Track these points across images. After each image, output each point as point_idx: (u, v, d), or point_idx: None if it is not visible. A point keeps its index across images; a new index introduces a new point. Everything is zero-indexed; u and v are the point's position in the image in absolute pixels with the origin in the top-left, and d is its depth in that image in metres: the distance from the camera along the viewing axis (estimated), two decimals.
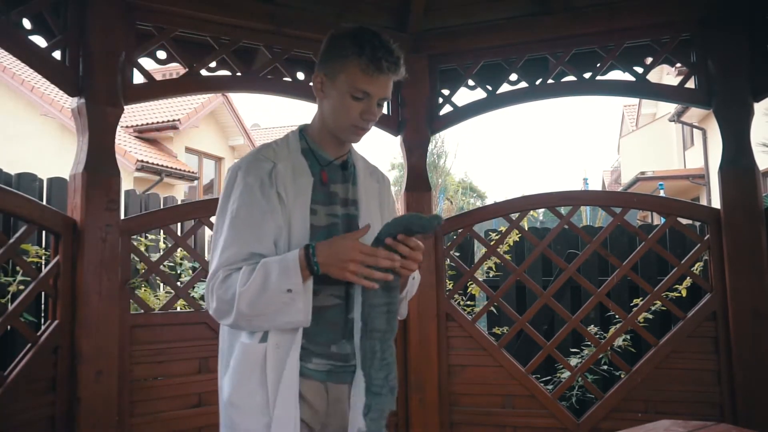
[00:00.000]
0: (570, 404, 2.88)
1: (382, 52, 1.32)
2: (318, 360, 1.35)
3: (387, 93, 1.37)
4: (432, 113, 2.76)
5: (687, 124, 13.89)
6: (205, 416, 2.34)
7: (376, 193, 1.53)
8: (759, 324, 2.30)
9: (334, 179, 1.44)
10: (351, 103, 1.35)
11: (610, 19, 2.50)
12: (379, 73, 1.33)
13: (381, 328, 1.28)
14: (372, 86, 1.34)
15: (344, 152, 1.48)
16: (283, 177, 1.36)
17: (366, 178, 1.51)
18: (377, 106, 1.37)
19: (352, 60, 1.32)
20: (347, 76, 1.34)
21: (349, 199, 1.45)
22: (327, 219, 1.39)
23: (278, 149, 1.43)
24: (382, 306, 1.28)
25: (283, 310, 1.27)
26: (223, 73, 2.53)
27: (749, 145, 2.37)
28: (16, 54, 2.01)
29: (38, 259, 2.85)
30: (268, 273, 1.25)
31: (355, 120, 1.37)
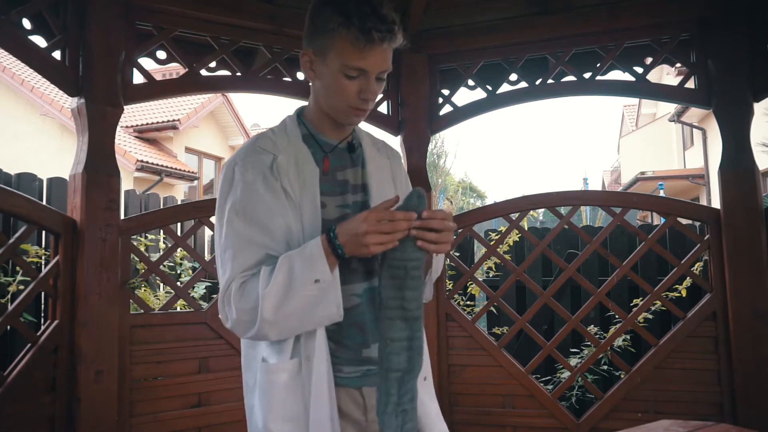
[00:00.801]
0: (570, 404, 2.88)
1: (372, 20, 1.14)
2: (350, 368, 1.23)
3: (385, 65, 1.20)
4: (432, 113, 2.76)
5: (687, 124, 13.89)
6: (204, 416, 2.34)
7: (388, 170, 1.38)
8: (759, 324, 2.30)
9: (341, 165, 1.30)
10: (345, 83, 1.20)
11: (609, 19, 2.50)
12: (371, 45, 1.15)
13: (400, 368, 1.11)
14: (366, 61, 1.17)
15: (348, 133, 1.33)
16: (286, 169, 1.23)
17: (375, 157, 1.36)
18: (377, 81, 1.21)
19: (340, 33, 1.15)
20: (337, 52, 1.17)
21: (359, 184, 1.31)
22: (337, 211, 1.25)
23: (276, 138, 1.28)
24: (403, 341, 1.12)
25: (313, 305, 1.14)
26: (223, 73, 2.53)
27: (749, 145, 2.37)
28: (16, 54, 2.01)
29: (38, 259, 2.85)
30: (291, 267, 1.13)
31: (353, 101, 1.21)
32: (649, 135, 18.89)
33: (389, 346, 1.12)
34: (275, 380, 1.21)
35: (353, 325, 1.23)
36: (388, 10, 1.16)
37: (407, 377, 1.12)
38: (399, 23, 1.17)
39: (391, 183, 1.37)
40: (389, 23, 1.15)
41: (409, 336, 1.12)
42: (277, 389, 1.20)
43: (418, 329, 1.14)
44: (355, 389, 1.24)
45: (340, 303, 1.15)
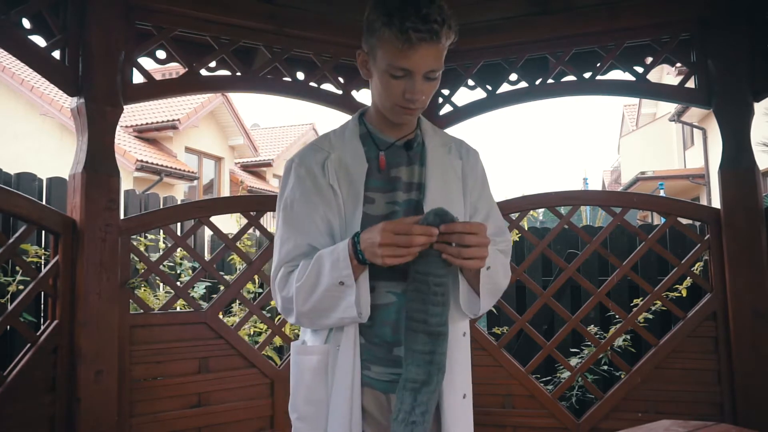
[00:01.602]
0: (570, 404, 2.88)
1: (412, 20, 1.12)
2: (378, 368, 1.24)
3: (433, 64, 1.18)
4: (432, 113, 2.76)
5: (687, 124, 13.90)
6: (204, 416, 2.34)
7: (457, 171, 1.34)
8: (759, 324, 2.30)
9: (396, 162, 1.30)
10: (391, 82, 1.20)
11: (610, 19, 2.50)
12: (410, 45, 1.14)
13: (417, 379, 1.12)
14: (409, 61, 1.16)
15: (408, 131, 1.33)
16: (336, 167, 1.27)
17: (441, 157, 1.33)
18: (427, 80, 1.20)
19: (383, 33, 1.16)
20: (383, 52, 1.18)
21: (414, 182, 1.30)
22: (386, 207, 1.27)
23: (335, 137, 1.34)
24: (425, 354, 1.12)
25: (337, 305, 1.18)
26: (223, 73, 2.53)
27: (749, 144, 2.37)
28: (16, 54, 2.01)
29: (38, 259, 2.85)
30: (321, 266, 1.18)
31: (399, 100, 1.22)
32: (649, 135, 18.90)
33: (410, 356, 1.14)
34: (305, 362, 1.28)
35: (385, 323, 1.24)
36: (432, 8, 1.14)
37: (423, 390, 1.12)
38: (445, 21, 1.16)
39: (457, 184, 1.33)
40: (430, 23, 1.13)
41: (431, 350, 1.13)
42: (305, 371, 1.27)
43: (441, 345, 1.14)
44: (383, 393, 1.25)
45: (364, 305, 1.18)
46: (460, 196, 1.32)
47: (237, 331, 2.47)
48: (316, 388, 1.25)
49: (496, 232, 1.36)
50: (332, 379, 1.23)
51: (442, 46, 1.18)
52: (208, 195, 14.96)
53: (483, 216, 1.35)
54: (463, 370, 1.28)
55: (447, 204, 1.22)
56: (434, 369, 1.13)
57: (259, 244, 4.06)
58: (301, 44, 2.57)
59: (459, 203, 1.31)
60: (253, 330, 3.32)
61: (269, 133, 21.77)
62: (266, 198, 2.63)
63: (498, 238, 1.36)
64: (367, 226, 1.21)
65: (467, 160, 1.37)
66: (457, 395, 1.24)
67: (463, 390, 1.26)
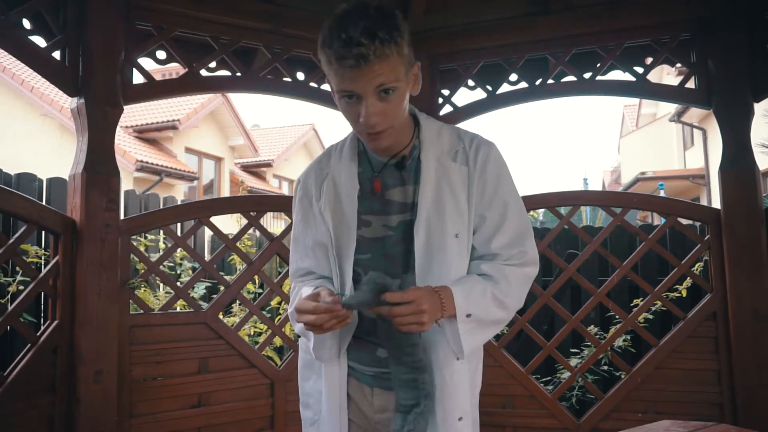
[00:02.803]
0: (570, 404, 2.88)
1: (335, 47, 1.09)
2: (362, 366, 1.31)
3: (380, 80, 1.10)
4: (432, 113, 2.73)
5: (687, 124, 13.89)
6: (204, 416, 2.34)
7: (462, 180, 1.26)
8: (759, 324, 2.30)
9: (391, 184, 1.27)
10: (346, 108, 1.17)
11: (610, 19, 2.50)
12: (345, 69, 1.09)
13: (407, 403, 1.19)
14: (352, 84, 1.11)
15: (401, 147, 1.26)
16: (331, 190, 1.29)
17: (439, 170, 1.25)
18: (382, 99, 1.13)
19: (323, 59, 1.14)
20: (331, 77, 1.16)
21: (408, 203, 1.26)
22: (382, 230, 1.26)
23: (335, 155, 1.33)
24: (411, 382, 1.19)
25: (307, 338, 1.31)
26: (223, 73, 2.53)
27: (749, 145, 2.37)
28: (16, 54, 2.01)
29: (38, 260, 2.85)
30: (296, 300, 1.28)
31: (358, 126, 1.18)
32: (649, 135, 18.89)
33: (398, 383, 1.21)
34: (303, 357, 1.42)
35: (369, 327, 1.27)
36: (357, 29, 1.07)
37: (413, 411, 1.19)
38: (376, 37, 1.07)
39: (460, 195, 1.25)
40: (354, 46, 1.07)
41: (414, 378, 1.19)
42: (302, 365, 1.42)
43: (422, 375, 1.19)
44: (367, 386, 1.32)
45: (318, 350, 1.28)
46: (462, 209, 1.24)
47: (237, 332, 2.47)
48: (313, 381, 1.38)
49: (509, 244, 1.27)
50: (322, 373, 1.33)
51: (387, 61, 1.09)
52: (208, 195, 14.96)
53: (494, 225, 1.26)
54: (460, 393, 1.25)
55: (440, 222, 1.21)
56: (421, 394, 1.18)
57: (259, 245, 4.06)
58: (301, 44, 2.57)
59: (458, 218, 1.24)
60: (254, 330, 3.32)
61: (269, 133, 21.77)
62: (266, 198, 2.63)
63: (511, 250, 1.27)
64: (365, 248, 1.25)
65: (474, 164, 1.26)
66: (453, 418, 1.23)
67: (460, 413, 1.25)
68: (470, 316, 1.20)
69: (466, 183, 1.26)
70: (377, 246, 1.26)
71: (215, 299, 2.49)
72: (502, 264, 1.26)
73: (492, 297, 1.23)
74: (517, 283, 1.27)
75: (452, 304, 1.18)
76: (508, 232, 1.27)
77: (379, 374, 1.28)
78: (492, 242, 1.26)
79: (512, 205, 1.29)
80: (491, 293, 1.23)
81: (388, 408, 1.28)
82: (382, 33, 1.08)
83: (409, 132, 1.29)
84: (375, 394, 1.30)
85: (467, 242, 1.26)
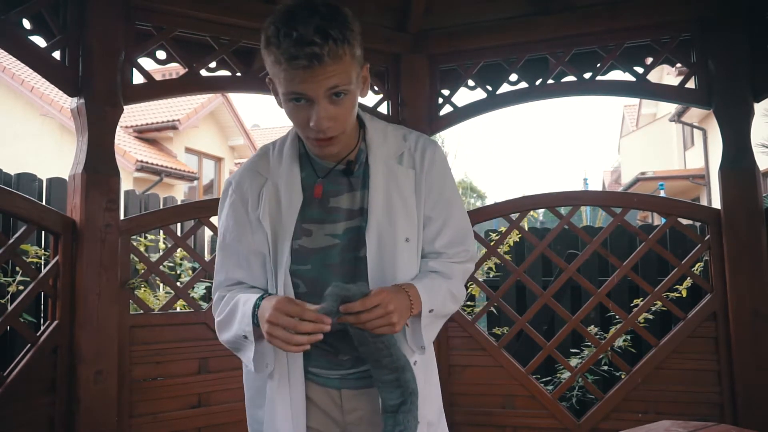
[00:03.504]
0: (570, 404, 2.88)
1: (288, 43, 1.00)
2: (326, 371, 1.25)
3: (332, 82, 1.04)
4: (432, 113, 2.76)
5: (687, 124, 13.89)
6: (204, 416, 2.34)
7: (409, 184, 1.23)
8: (759, 324, 2.30)
9: (336, 190, 1.21)
10: (293, 112, 1.10)
11: (610, 19, 2.50)
12: (297, 71, 1.02)
13: (393, 403, 1.17)
14: (300, 85, 1.04)
15: (347, 151, 1.21)
16: (271, 197, 1.21)
17: (388, 174, 1.22)
18: (333, 102, 1.07)
19: (269, 59, 1.06)
20: (276, 80, 1.08)
21: (356, 209, 1.22)
22: (325, 240, 1.21)
23: (274, 158, 1.25)
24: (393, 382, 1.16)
25: (243, 353, 1.23)
26: (223, 73, 2.53)
27: (749, 145, 2.37)
28: (16, 54, 2.01)
29: (38, 260, 2.85)
30: (234, 313, 1.20)
31: (307, 130, 1.10)
32: (649, 135, 18.89)
33: (381, 385, 1.17)
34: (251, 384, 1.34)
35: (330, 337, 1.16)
36: (308, 27, 0.99)
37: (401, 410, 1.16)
38: (329, 37, 1.00)
39: (409, 200, 1.23)
40: (306, 45, 0.99)
41: (396, 378, 1.16)
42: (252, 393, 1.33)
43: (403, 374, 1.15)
44: (335, 390, 1.26)
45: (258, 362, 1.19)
46: (411, 212, 1.22)
47: None
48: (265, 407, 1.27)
49: (451, 242, 1.28)
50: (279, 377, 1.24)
51: (340, 62, 1.03)
52: (208, 195, 14.96)
53: (438, 225, 1.27)
54: (424, 399, 1.22)
55: (391, 227, 1.19)
56: (406, 392, 1.16)
57: None
58: None
59: (407, 222, 1.22)
60: None
61: (269, 133, 21.76)
62: None
63: (454, 249, 1.29)
64: (304, 259, 1.20)
65: (421, 166, 1.24)
66: (422, 426, 1.21)
67: (428, 418, 1.24)
68: (432, 311, 1.21)
69: (413, 186, 1.24)
70: (318, 256, 1.21)
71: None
72: (448, 261, 1.29)
73: (448, 291, 1.25)
74: (461, 279, 1.31)
75: (419, 301, 1.18)
76: (451, 231, 1.28)
77: (345, 376, 1.24)
78: (436, 241, 1.28)
79: (455, 205, 1.30)
80: (447, 288, 1.25)
81: (358, 407, 1.26)
82: (335, 32, 1.01)
83: (355, 134, 1.23)
84: (343, 397, 1.26)
85: (417, 246, 1.25)
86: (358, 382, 1.25)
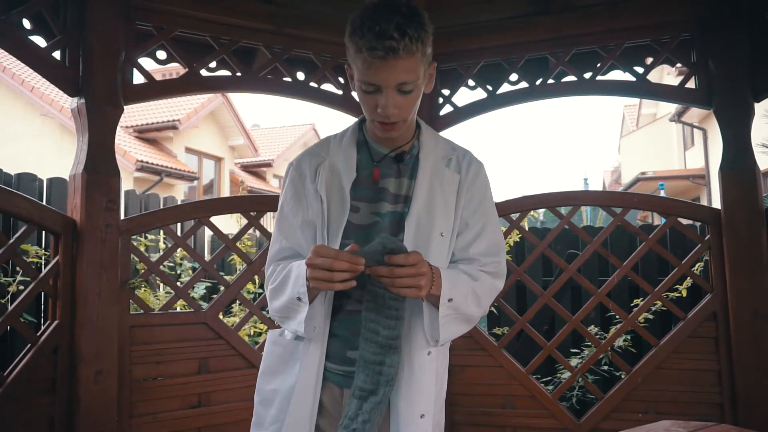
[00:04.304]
0: (570, 404, 2.88)
1: (368, 38, 1.13)
2: (333, 364, 1.29)
3: (402, 77, 1.17)
4: (432, 113, 2.76)
5: (687, 124, 13.89)
6: (204, 416, 2.34)
7: (452, 185, 1.33)
8: (759, 324, 2.30)
9: (386, 174, 1.32)
10: (365, 97, 1.22)
11: (610, 19, 2.50)
12: (375, 60, 1.14)
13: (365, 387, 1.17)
14: (375, 77, 1.17)
15: (403, 142, 1.33)
16: (328, 173, 1.31)
17: (435, 171, 1.32)
18: (400, 93, 1.19)
19: (351, 49, 1.19)
20: (355, 68, 1.21)
21: (402, 195, 1.31)
22: (370, 218, 1.29)
23: (334, 143, 1.37)
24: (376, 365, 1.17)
25: (294, 317, 1.25)
26: (223, 73, 2.53)
27: (750, 145, 2.37)
28: (16, 54, 2.01)
29: (38, 260, 2.85)
30: (288, 277, 1.26)
31: (374, 114, 1.23)
32: (649, 135, 18.89)
33: (362, 365, 1.18)
34: (276, 351, 1.36)
35: (348, 328, 1.28)
36: (390, 23, 1.12)
37: (370, 399, 1.16)
38: (407, 34, 1.12)
39: (449, 198, 1.32)
40: (385, 39, 1.11)
41: (381, 361, 1.17)
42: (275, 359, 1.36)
43: (391, 357, 1.17)
44: (338, 387, 1.30)
45: (310, 323, 1.23)
46: (449, 211, 1.30)
47: (237, 332, 2.47)
48: (283, 377, 1.31)
49: (486, 252, 1.33)
50: (298, 370, 1.28)
51: (412, 58, 1.16)
52: (208, 195, 14.96)
53: (475, 232, 1.33)
54: (425, 390, 1.26)
55: (430, 218, 1.26)
56: (382, 380, 1.16)
57: (259, 245, 4.06)
58: (301, 44, 2.57)
59: (445, 218, 1.29)
60: (253, 330, 3.32)
61: (269, 133, 21.77)
62: (266, 198, 2.63)
63: (487, 258, 1.33)
64: (350, 234, 1.26)
65: (466, 174, 1.35)
66: (414, 415, 1.23)
67: (422, 410, 1.24)
68: (452, 301, 1.23)
69: (456, 188, 1.33)
70: (361, 233, 1.27)
71: (215, 299, 2.49)
72: (479, 268, 1.32)
73: (472, 291, 1.27)
74: (489, 291, 1.33)
75: (440, 283, 1.20)
76: (487, 241, 1.34)
77: (349, 374, 1.26)
78: (471, 248, 1.33)
79: (493, 220, 1.38)
80: (471, 287, 1.28)
81: None
82: (411, 30, 1.13)
83: (412, 131, 1.36)
84: (345, 395, 1.28)
85: (449, 243, 1.31)
86: None
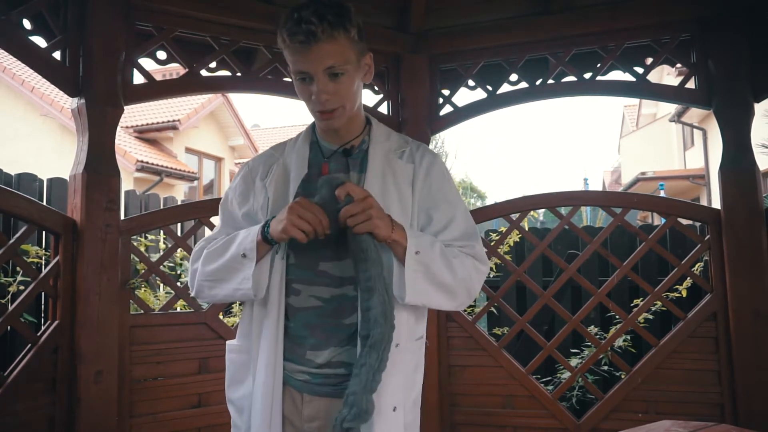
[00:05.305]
0: (570, 405, 2.88)
1: (288, 26, 1.18)
2: (293, 365, 1.27)
3: (329, 61, 1.18)
4: (432, 113, 2.76)
5: (687, 125, 13.89)
6: (204, 416, 2.34)
7: (407, 176, 1.32)
8: (759, 324, 2.30)
9: (336, 169, 1.33)
10: (300, 88, 1.25)
11: (610, 19, 2.50)
12: (297, 46, 1.18)
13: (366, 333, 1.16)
14: (302, 64, 1.20)
15: (351, 137, 1.34)
16: (281, 171, 1.35)
17: (386, 163, 1.32)
18: (332, 77, 1.21)
19: (279, 40, 1.22)
20: (287, 60, 1.24)
21: None
22: None
23: (289, 145, 1.40)
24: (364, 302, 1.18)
25: (234, 276, 1.26)
26: (223, 73, 2.53)
27: (749, 145, 2.37)
28: (16, 54, 2.01)
29: (38, 260, 2.85)
30: (233, 239, 1.29)
31: (311, 104, 1.26)
32: (649, 135, 18.88)
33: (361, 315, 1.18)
34: (233, 359, 1.37)
35: (306, 325, 1.27)
36: (308, 11, 1.16)
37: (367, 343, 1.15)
38: (324, 18, 1.16)
39: (405, 189, 1.31)
40: (303, 24, 1.16)
41: (367, 307, 1.16)
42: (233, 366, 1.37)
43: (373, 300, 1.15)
44: (297, 392, 1.28)
45: (257, 281, 1.24)
46: (405, 201, 1.30)
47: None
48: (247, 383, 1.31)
49: (458, 237, 1.32)
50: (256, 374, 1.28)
51: (335, 42, 1.18)
52: (209, 195, 14.96)
53: (443, 223, 1.32)
54: (398, 381, 1.24)
55: (385, 209, 1.23)
56: (371, 323, 1.14)
57: None
58: None
59: (401, 209, 1.29)
60: None
61: (269, 133, 21.76)
62: None
63: (461, 242, 1.32)
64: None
65: (420, 163, 1.34)
66: (386, 406, 1.21)
67: (394, 402, 1.23)
68: (419, 254, 1.21)
69: (411, 180, 1.33)
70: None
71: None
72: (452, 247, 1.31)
73: (440, 251, 1.25)
74: (464, 266, 1.28)
75: (403, 234, 1.20)
76: (457, 230, 1.33)
77: (309, 380, 1.26)
78: (440, 236, 1.31)
79: (461, 207, 1.36)
80: (439, 248, 1.26)
81: (317, 417, 1.26)
82: (331, 16, 1.17)
83: (360, 126, 1.37)
84: (305, 401, 1.27)
85: None
86: (322, 388, 1.26)
